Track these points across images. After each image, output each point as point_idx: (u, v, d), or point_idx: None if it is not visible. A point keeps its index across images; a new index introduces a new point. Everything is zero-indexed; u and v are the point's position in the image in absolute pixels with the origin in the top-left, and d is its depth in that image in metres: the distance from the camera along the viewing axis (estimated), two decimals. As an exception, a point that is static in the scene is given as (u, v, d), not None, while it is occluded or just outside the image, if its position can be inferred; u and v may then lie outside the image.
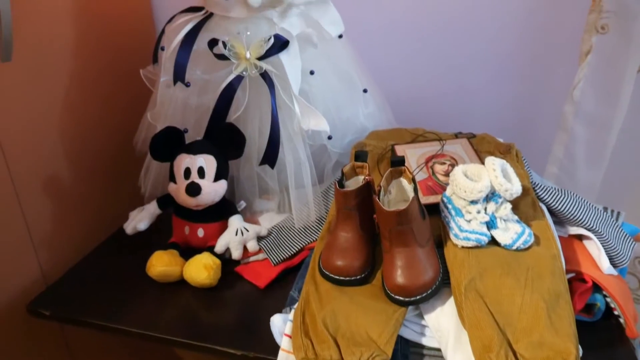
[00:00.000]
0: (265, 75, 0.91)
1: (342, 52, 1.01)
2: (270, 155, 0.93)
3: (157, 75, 1.06)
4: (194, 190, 0.89)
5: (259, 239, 0.95)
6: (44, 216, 1.03)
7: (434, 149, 0.92)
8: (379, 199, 0.69)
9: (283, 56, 0.91)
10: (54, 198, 1.04)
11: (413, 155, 0.90)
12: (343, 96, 1.01)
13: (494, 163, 0.73)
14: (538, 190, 0.85)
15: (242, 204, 1.01)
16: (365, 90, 1.02)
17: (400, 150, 0.92)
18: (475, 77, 1.24)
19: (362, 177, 0.77)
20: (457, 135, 0.97)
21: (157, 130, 1.00)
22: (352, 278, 0.71)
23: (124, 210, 1.03)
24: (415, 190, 0.70)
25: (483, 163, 0.87)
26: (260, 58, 0.90)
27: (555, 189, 0.87)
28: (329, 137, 0.96)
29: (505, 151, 0.91)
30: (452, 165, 0.88)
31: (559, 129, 1.08)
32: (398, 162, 0.73)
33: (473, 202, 0.72)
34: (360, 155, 0.77)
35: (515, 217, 0.74)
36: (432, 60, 1.24)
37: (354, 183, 0.78)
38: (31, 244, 1.02)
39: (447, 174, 0.86)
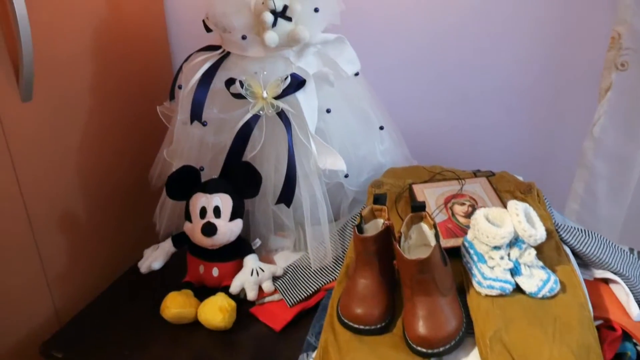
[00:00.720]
0: (281, 114, 0.91)
1: (358, 89, 1.01)
2: (287, 195, 0.92)
3: (173, 111, 1.07)
4: (209, 230, 0.88)
5: (275, 279, 0.94)
6: (59, 253, 1.03)
7: (453, 189, 0.90)
8: (399, 245, 0.67)
9: (300, 95, 0.91)
10: (69, 234, 1.04)
11: (432, 195, 0.89)
12: (359, 134, 1.00)
13: (517, 208, 0.72)
14: (561, 232, 0.83)
15: (257, 242, 1.00)
16: (381, 128, 1.01)
17: (418, 189, 0.91)
18: (492, 112, 1.23)
19: (382, 220, 0.76)
20: (475, 174, 0.96)
21: (172, 167, 1.01)
22: (372, 327, 0.69)
23: (138, 246, 1.03)
24: (437, 237, 0.69)
25: (503, 203, 0.86)
26: (277, 97, 0.90)
27: (578, 230, 0.85)
28: (346, 176, 0.95)
29: (525, 191, 0.89)
30: (472, 206, 0.86)
31: (579, 165, 1.06)
32: (419, 208, 0.71)
33: (496, 247, 0.70)
34: (379, 198, 0.76)
35: (540, 263, 0.72)
36: (449, 94, 1.23)
37: (373, 227, 0.76)
38: (45, 281, 1.01)
39: (467, 216, 0.84)
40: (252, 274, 0.91)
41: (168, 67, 1.30)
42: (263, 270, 0.92)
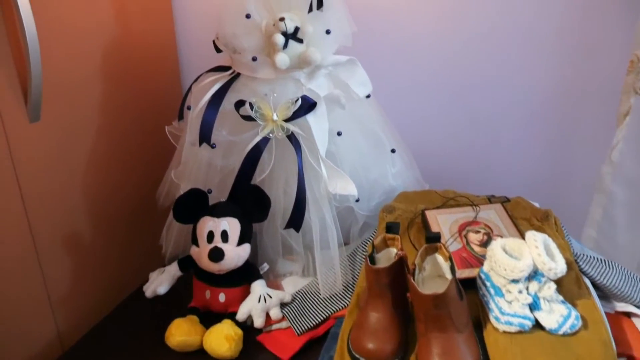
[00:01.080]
0: (291, 137, 0.90)
1: (370, 111, 0.99)
2: (296, 219, 0.90)
3: (181, 131, 1.06)
4: (217, 255, 0.86)
5: (283, 305, 0.91)
6: (63, 274, 1.01)
7: (467, 216, 0.88)
8: (413, 278, 0.65)
9: (310, 118, 0.89)
10: (74, 256, 1.03)
11: (445, 222, 0.86)
12: (370, 157, 0.98)
13: (535, 239, 0.69)
14: (580, 263, 0.80)
15: (265, 266, 0.98)
16: (393, 150, 0.99)
17: (431, 216, 0.88)
18: (505, 134, 1.20)
19: (395, 250, 0.73)
20: (490, 200, 0.93)
21: (180, 189, 0.99)
22: (385, 363, 0.66)
23: (144, 268, 1.01)
24: (453, 270, 0.66)
25: (519, 231, 0.84)
26: (287, 120, 0.89)
27: (597, 260, 0.82)
28: (357, 200, 0.93)
29: (542, 218, 0.86)
30: (487, 234, 0.83)
31: (596, 190, 1.03)
32: (434, 239, 0.69)
33: (514, 281, 0.67)
34: (392, 227, 0.73)
35: (560, 298, 0.69)
36: (461, 115, 1.21)
37: (386, 256, 0.74)
38: (48, 303, 0.99)
39: (482, 244, 0.82)
40: (259, 301, 0.89)
41: (177, 87, 1.29)
42: (271, 297, 0.90)
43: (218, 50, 0.98)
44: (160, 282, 0.94)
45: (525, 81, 1.16)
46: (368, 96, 0.98)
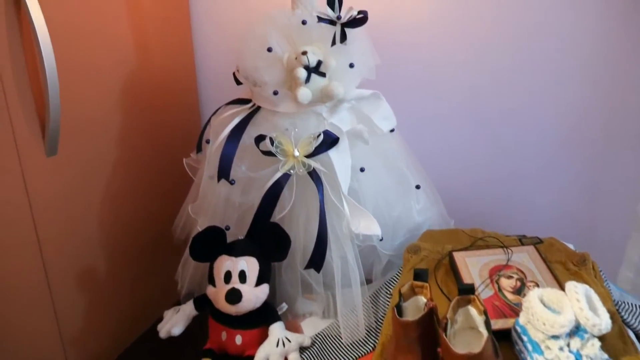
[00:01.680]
0: (313, 173, 0.86)
1: (393, 146, 0.96)
2: (317, 260, 0.86)
3: (199, 163, 1.04)
4: (234, 297, 0.82)
5: (302, 349, 0.87)
6: (75, 310, 0.99)
7: (498, 259, 0.83)
8: (445, 333, 0.60)
9: (332, 154, 0.86)
10: (86, 291, 1.00)
11: (474, 265, 0.82)
12: (394, 193, 0.94)
13: (577, 291, 0.64)
14: (622, 313, 0.74)
15: (284, 307, 0.93)
16: (418, 187, 0.95)
17: (459, 258, 0.84)
18: (534, 169, 1.16)
19: (423, 299, 0.69)
20: (521, 240, 0.88)
21: (197, 222, 0.97)
22: None
23: (158, 304, 0.98)
24: (489, 325, 0.61)
25: (554, 276, 0.79)
26: (309, 155, 0.86)
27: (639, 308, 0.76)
28: (380, 239, 0.89)
29: (579, 262, 0.81)
30: (520, 280, 0.78)
31: (633, 229, 0.97)
32: (467, 290, 0.64)
33: (554, 336, 0.62)
34: (420, 274, 0.69)
35: (605, 356, 0.64)
36: (488, 149, 1.18)
37: (413, 305, 0.70)
38: (60, 340, 0.96)
39: (515, 291, 0.77)
40: (277, 345, 0.84)
41: (196, 118, 1.28)
42: (290, 341, 0.85)
43: (238, 82, 0.96)
44: (175, 322, 0.90)
45: (552, 113, 1.12)
46: (392, 130, 0.95)
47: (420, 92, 1.16)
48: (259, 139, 0.87)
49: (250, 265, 0.86)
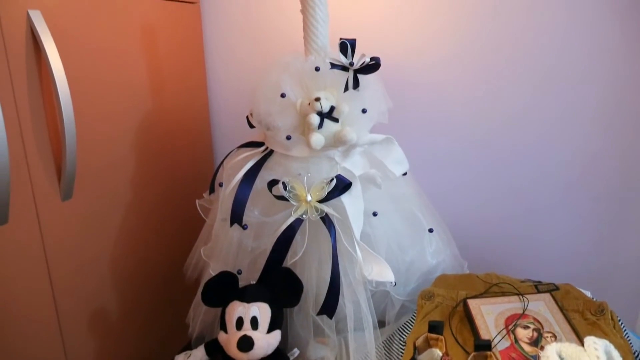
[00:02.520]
0: (325, 218, 0.86)
1: (406, 189, 0.96)
2: (329, 305, 0.85)
3: (212, 203, 1.04)
4: (246, 345, 0.81)
5: (314, 399, 0.86)
6: (86, 352, 0.98)
7: (514, 307, 0.82)
8: (462, 392, 0.59)
9: (345, 199, 0.86)
10: (98, 333, 1.00)
11: (490, 313, 0.81)
12: (407, 237, 0.94)
13: (597, 348, 0.62)
14: (644, 366, 0.72)
15: (296, 352, 0.92)
16: (431, 230, 0.95)
17: (474, 306, 0.82)
18: (549, 211, 1.15)
19: (438, 352, 0.68)
20: (537, 287, 0.87)
21: (209, 266, 0.96)
22: None
23: (169, 345, 0.97)
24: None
25: (572, 326, 0.77)
26: (321, 200, 0.86)
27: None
28: (394, 284, 0.88)
29: (597, 312, 0.80)
30: (537, 330, 0.77)
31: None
32: (483, 347, 0.63)
33: (574, 395, 0.61)
34: (435, 327, 0.68)
35: (627, 416, 0.62)
36: (497, 186, 1.17)
37: (428, 357, 0.68)
38: (70, 384, 0.96)
39: (532, 342, 0.75)
40: (289, 394, 0.83)
41: (209, 159, 1.29)
42: (302, 388, 0.84)
43: (251, 126, 0.97)
44: (185, 368, 0.89)
45: (564, 153, 1.11)
46: (404, 174, 0.95)
47: (432, 131, 1.17)
48: (272, 183, 0.88)
49: (262, 311, 0.85)
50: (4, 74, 0.75)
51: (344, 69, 0.88)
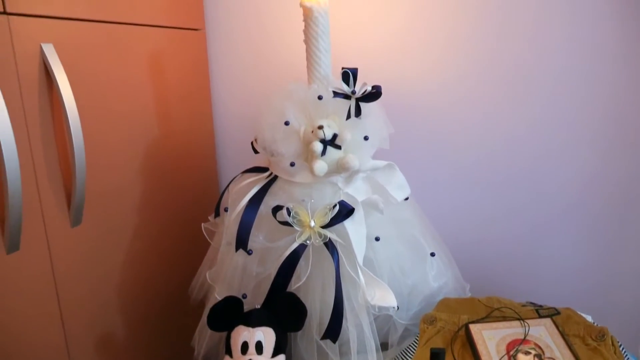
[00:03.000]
0: (328, 244, 0.88)
1: (408, 214, 0.97)
2: (333, 330, 0.86)
3: (217, 227, 1.06)
4: (251, 369, 0.83)
5: (318, 422, 0.86)
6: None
7: (516, 332, 0.83)
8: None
9: (348, 224, 0.87)
10: (104, 357, 1.01)
11: (491, 338, 0.82)
12: (409, 261, 0.95)
13: (596, 376, 0.63)
14: (644, 393, 0.73)
15: (299, 376, 0.93)
16: (432, 254, 0.96)
17: (476, 331, 0.83)
18: (549, 233, 1.16)
19: (440, 379, 0.69)
20: (538, 312, 0.88)
21: (214, 289, 0.98)
22: None
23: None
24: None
25: (573, 352, 0.78)
26: (325, 226, 0.87)
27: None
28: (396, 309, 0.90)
29: (598, 337, 0.80)
30: (539, 356, 0.78)
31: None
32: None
33: None
34: (437, 354, 0.69)
35: None
36: (498, 208, 1.19)
37: (430, 385, 0.69)
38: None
39: (533, 368, 0.76)
40: (293, 418, 0.84)
41: (214, 183, 1.31)
42: (306, 413, 0.85)
43: (256, 151, 1.00)
44: (191, 392, 0.90)
45: (571, 177, 1.13)
46: (406, 198, 0.96)
47: (432, 154, 1.19)
48: (276, 209, 0.89)
49: (267, 335, 0.86)
50: (17, 105, 0.78)
51: (346, 97, 0.91)
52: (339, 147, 0.89)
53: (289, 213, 0.88)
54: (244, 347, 0.86)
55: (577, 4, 1.05)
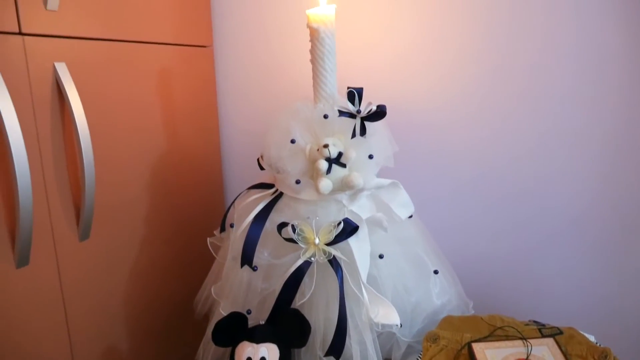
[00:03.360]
0: (333, 261, 0.89)
1: (411, 232, 0.98)
2: (337, 347, 0.87)
3: (222, 241, 1.07)
4: (254, 386, 0.84)
5: None
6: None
7: (518, 352, 0.83)
8: None
9: (352, 241, 0.88)
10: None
11: (494, 357, 0.82)
12: (412, 278, 0.96)
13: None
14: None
15: (303, 392, 0.94)
16: (436, 272, 0.97)
17: (478, 350, 0.84)
18: (553, 250, 1.17)
19: (443, 399, 0.69)
20: (541, 331, 0.88)
21: (219, 304, 0.99)
22: None
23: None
24: None
25: (576, 372, 0.78)
26: (329, 243, 0.88)
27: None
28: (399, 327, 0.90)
29: (600, 358, 0.81)
30: (541, 376, 0.78)
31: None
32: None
33: None
34: (439, 374, 0.70)
35: None
36: (501, 223, 1.19)
37: (433, 405, 0.70)
38: None
39: (536, 388, 0.76)
40: None
41: (220, 197, 1.33)
42: None
43: (262, 168, 1.01)
44: (195, 407, 0.91)
45: (574, 195, 1.14)
46: (410, 216, 0.97)
47: (436, 170, 1.20)
48: (281, 225, 0.91)
49: (270, 352, 0.87)
50: (29, 121, 0.80)
51: (352, 116, 0.92)
52: (344, 166, 0.91)
53: (294, 230, 0.89)
54: (248, 363, 0.87)
55: (585, 25, 1.06)
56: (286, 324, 0.89)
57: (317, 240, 0.88)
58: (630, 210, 1.11)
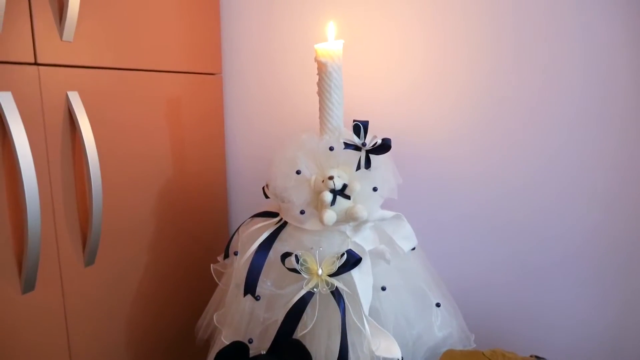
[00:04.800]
0: (335, 292, 0.89)
1: (414, 265, 0.99)
2: (338, 379, 0.87)
3: (226, 267, 1.08)
4: (255, 417, 0.83)
5: None
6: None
7: (519, 389, 0.83)
8: None
9: (355, 274, 0.89)
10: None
11: (495, 395, 0.82)
12: (414, 311, 0.96)
13: None
14: None
15: (302, 423, 0.93)
16: (438, 305, 0.97)
17: (480, 386, 0.84)
18: (556, 286, 1.17)
19: None
20: (542, 367, 0.88)
21: (221, 333, 0.99)
22: None
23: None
24: None
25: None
26: (332, 274, 0.89)
27: None
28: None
29: (602, 398, 0.80)
30: (542, 415, 0.78)
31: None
32: None
33: None
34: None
35: None
36: (502, 250, 1.20)
37: None
38: None
39: None
40: None
41: (225, 224, 1.33)
42: None
43: (267, 196, 1.02)
44: None
45: (581, 229, 1.14)
46: (413, 248, 0.98)
47: (439, 201, 1.21)
48: (285, 255, 0.91)
49: (271, 382, 0.87)
50: (41, 149, 0.81)
51: (357, 148, 0.93)
52: (348, 197, 0.92)
53: (297, 260, 0.89)
54: (249, 394, 0.87)
55: (592, 59, 1.08)
56: (288, 354, 0.89)
57: (320, 271, 0.89)
58: (631, 242, 1.11)
